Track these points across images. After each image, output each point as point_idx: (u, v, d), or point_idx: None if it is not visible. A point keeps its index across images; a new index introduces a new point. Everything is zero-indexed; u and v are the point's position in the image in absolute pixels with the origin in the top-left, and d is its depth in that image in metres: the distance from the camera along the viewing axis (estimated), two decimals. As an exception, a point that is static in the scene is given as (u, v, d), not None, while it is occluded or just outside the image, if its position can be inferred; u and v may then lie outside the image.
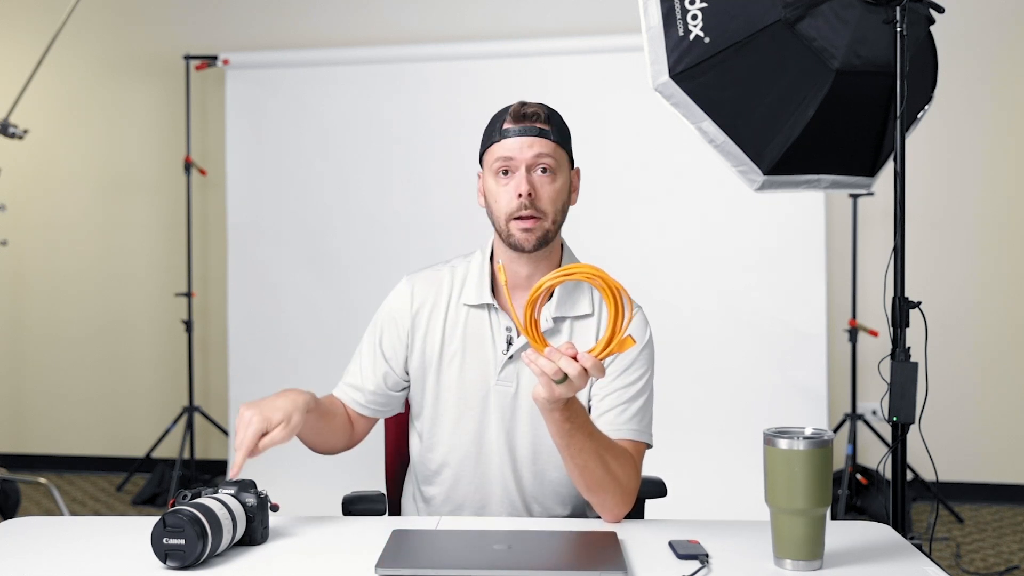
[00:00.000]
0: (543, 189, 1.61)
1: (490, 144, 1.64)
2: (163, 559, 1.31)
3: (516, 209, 1.59)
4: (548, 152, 1.61)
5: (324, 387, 1.81)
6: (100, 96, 4.72)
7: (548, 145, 1.61)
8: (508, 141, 1.61)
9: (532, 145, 1.60)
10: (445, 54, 4.25)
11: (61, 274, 4.78)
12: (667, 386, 3.81)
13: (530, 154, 1.60)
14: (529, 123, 1.61)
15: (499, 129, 1.63)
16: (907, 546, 1.45)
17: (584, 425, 1.48)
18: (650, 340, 1.69)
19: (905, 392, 1.95)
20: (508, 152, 1.61)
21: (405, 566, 1.31)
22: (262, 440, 1.52)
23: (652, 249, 4.06)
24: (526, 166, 1.60)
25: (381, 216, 4.26)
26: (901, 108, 1.98)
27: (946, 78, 2.33)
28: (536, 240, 1.61)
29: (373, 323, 1.74)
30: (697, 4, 1.95)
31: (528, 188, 1.59)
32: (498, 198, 1.62)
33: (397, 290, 1.74)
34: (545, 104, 1.67)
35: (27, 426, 4.83)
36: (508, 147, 1.61)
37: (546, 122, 1.63)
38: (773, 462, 1.32)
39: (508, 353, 1.65)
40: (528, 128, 1.61)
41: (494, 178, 1.63)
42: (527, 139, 1.60)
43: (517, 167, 1.60)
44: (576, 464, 1.50)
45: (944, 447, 2.97)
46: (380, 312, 1.75)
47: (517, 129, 1.61)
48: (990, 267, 4.17)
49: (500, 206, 1.62)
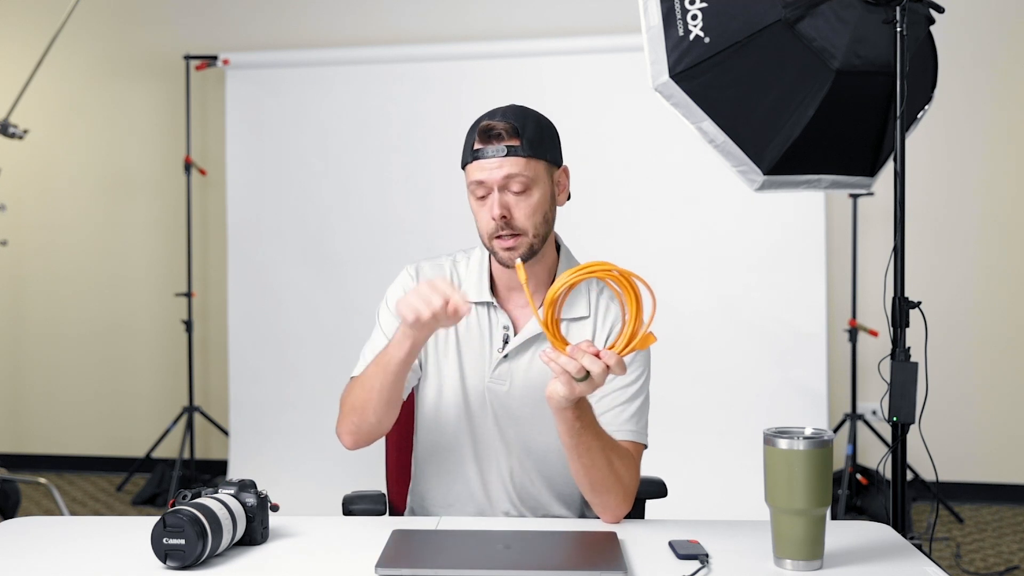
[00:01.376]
0: (517, 208, 1.58)
1: (465, 163, 1.63)
2: (163, 559, 1.31)
3: (494, 230, 1.59)
4: (518, 170, 1.57)
5: (324, 386, 1.81)
6: (100, 96, 4.72)
7: (518, 163, 1.57)
8: (479, 163, 1.59)
9: (501, 166, 1.57)
10: (445, 54, 4.25)
11: (61, 274, 4.78)
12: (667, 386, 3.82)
13: (499, 175, 1.57)
14: (496, 143, 1.57)
15: (470, 148, 1.61)
16: (907, 546, 1.45)
17: (592, 424, 1.49)
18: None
19: (905, 392, 1.95)
20: (479, 176, 1.59)
21: (405, 566, 1.31)
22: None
23: (652, 249, 4.06)
24: (498, 187, 1.58)
25: (381, 216, 4.26)
26: (901, 108, 1.98)
27: (946, 78, 2.33)
28: (521, 256, 1.59)
29: (387, 311, 1.70)
30: (697, 4, 1.95)
31: (501, 211, 1.57)
32: (478, 218, 1.63)
33: (404, 278, 1.73)
34: (516, 112, 1.61)
35: (27, 426, 4.83)
36: (479, 169, 1.59)
37: (515, 136, 1.57)
38: (773, 462, 1.32)
39: (504, 352, 1.65)
40: (496, 149, 1.57)
41: (473, 199, 1.63)
42: (495, 160, 1.57)
43: (490, 189, 1.59)
44: (583, 463, 1.50)
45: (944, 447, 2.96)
46: (392, 299, 1.70)
47: (486, 150, 1.58)
48: (990, 267, 4.17)
49: (481, 227, 1.62)
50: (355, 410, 1.59)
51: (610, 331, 1.66)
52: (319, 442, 4.16)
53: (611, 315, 1.67)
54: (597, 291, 1.69)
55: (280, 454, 4.22)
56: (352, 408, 1.60)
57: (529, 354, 1.65)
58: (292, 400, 4.29)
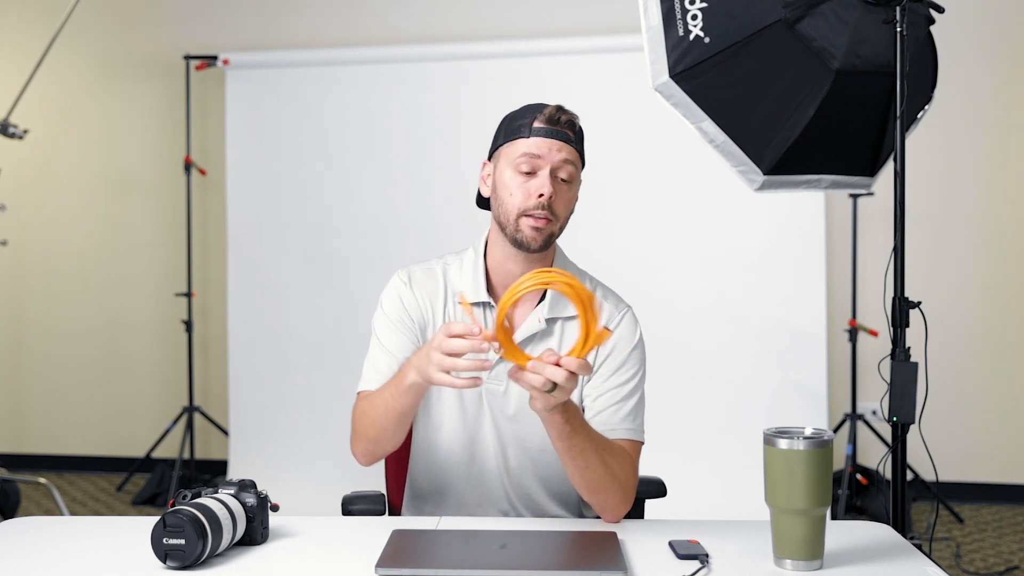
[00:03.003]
0: (561, 194, 1.62)
1: (515, 137, 1.63)
2: (163, 559, 1.31)
3: (532, 207, 1.60)
4: (573, 160, 1.63)
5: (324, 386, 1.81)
6: (100, 96, 4.72)
7: (574, 153, 1.63)
8: (538, 140, 1.61)
9: (561, 149, 1.61)
10: (445, 54, 4.25)
11: (61, 274, 4.78)
12: (667, 386, 3.83)
13: (558, 157, 1.61)
14: (561, 128, 1.62)
15: (529, 125, 1.62)
16: (907, 546, 1.45)
17: (583, 425, 1.49)
18: (640, 340, 1.69)
19: (905, 392, 1.95)
20: (537, 150, 1.60)
21: (405, 566, 1.31)
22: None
23: (652, 249, 4.06)
24: (551, 168, 1.61)
25: (381, 216, 4.26)
26: (901, 108, 1.98)
27: (946, 78, 2.33)
28: (543, 240, 1.62)
29: (385, 318, 1.69)
30: (697, 4, 1.95)
31: (551, 190, 1.60)
32: (513, 192, 1.62)
33: (397, 283, 1.71)
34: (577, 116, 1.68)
35: (27, 426, 4.83)
36: (537, 145, 1.61)
37: (574, 130, 1.64)
38: (773, 462, 1.32)
39: (500, 352, 1.64)
40: (560, 132, 1.62)
41: (513, 172, 1.62)
42: (557, 142, 1.61)
43: (542, 167, 1.60)
44: (577, 466, 1.50)
45: (944, 447, 2.96)
46: (387, 306, 1.70)
47: (549, 130, 1.61)
48: (990, 267, 4.17)
49: (515, 200, 1.61)
50: (369, 438, 1.60)
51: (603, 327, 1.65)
52: (319, 442, 4.17)
53: (603, 314, 1.66)
54: (590, 289, 1.69)
55: (280, 454, 4.22)
56: (366, 435, 1.60)
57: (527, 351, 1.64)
58: (292, 400, 4.29)
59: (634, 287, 2.14)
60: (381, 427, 1.57)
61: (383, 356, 1.66)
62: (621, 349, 1.66)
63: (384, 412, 1.56)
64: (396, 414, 1.54)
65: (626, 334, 1.67)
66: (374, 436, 1.59)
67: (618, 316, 1.69)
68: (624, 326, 1.68)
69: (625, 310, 1.71)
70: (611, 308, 1.69)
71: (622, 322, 1.69)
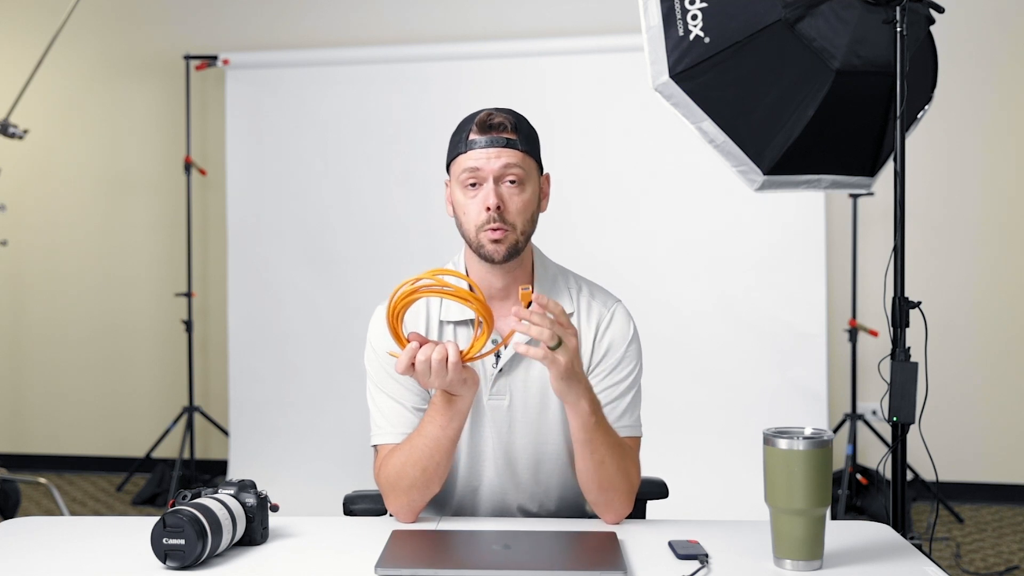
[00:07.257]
0: (511, 201, 1.56)
1: (456, 155, 1.59)
2: (163, 559, 1.31)
3: (485, 222, 1.56)
4: (516, 162, 1.56)
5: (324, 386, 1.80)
6: (100, 96, 4.72)
7: (516, 155, 1.57)
8: (475, 152, 1.56)
9: (499, 156, 1.55)
10: (445, 54, 4.25)
11: (61, 274, 4.78)
12: (667, 386, 3.83)
13: (497, 165, 1.55)
14: (496, 133, 1.56)
15: (465, 139, 1.58)
16: (907, 546, 1.45)
17: (604, 421, 1.51)
18: (635, 334, 1.65)
19: (905, 392, 1.95)
20: (475, 163, 1.56)
21: (405, 566, 1.31)
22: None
23: (652, 249, 4.06)
24: (494, 177, 1.56)
25: (381, 216, 4.26)
26: (901, 108, 1.98)
27: (946, 78, 2.33)
28: (506, 251, 1.57)
29: (377, 361, 1.63)
30: (697, 4, 1.95)
31: (496, 201, 1.55)
32: (467, 210, 1.58)
33: (380, 319, 1.64)
34: (513, 111, 1.62)
35: (27, 426, 4.83)
36: (475, 158, 1.56)
37: (514, 131, 1.57)
38: (773, 462, 1.33)
39: (498, 367, 1.62)
40: (495, 139, 1.56)
41: (462, 190, 1.58)
42: (494, 150, 1.55)
43: (485, 178, 1.56)
44: (595, 460, 1.51)
45: (944, 447, 2.96)
46: (376, 344, 1.63)
47: (484, 140, 1.56)
48: (990, 267, 4.17)
49: (469, 218, 1.58)
50: (417, 486, 1.54)
51: (596, 327, 1.64)
52: (319, 442, 4.17)
53: (594, 312, 1.65)
54: (576, 288, 1.67)
55: (280, 454, 4.22)
56: (413, 485, 1.54)
57: (524, 363, 1.62)
58: (292, 400, 4.29)
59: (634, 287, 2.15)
60: (435, 463, 1.52)
61: (390, 405, 1.62)
62: (616, 347, 1.63)
63: (435, 447, 1.52)
64: (449, 442, 1.52)
65: (619, 331, 1.64)
66: (424, 481, 1.53)
67: (608, 314, 1.65)
68: (616, 323, 1.65)
69: (614, 305, 1.67)
70: (599, 307, 1.66)
71: (613, 319, 1.65)
